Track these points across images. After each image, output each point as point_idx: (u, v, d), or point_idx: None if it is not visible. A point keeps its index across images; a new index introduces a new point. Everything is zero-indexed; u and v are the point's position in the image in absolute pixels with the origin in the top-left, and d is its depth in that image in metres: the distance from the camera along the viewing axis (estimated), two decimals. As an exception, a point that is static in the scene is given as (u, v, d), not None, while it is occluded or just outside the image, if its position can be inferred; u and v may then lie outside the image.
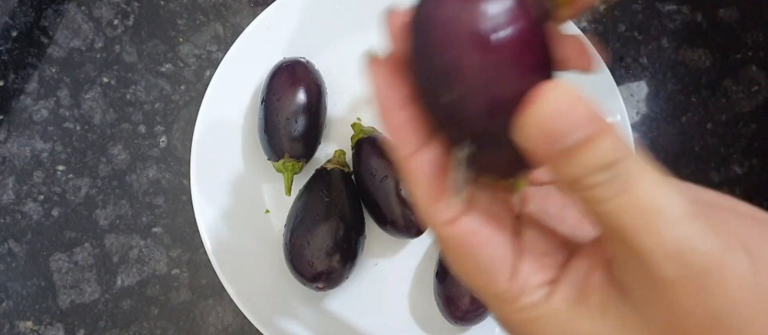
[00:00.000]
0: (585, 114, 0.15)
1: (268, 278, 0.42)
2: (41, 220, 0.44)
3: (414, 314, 0.43)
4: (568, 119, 0.15)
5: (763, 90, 0.48)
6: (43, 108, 0.46)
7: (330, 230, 0.39)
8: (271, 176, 0.43)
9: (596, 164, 0.16)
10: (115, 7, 0.48)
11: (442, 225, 0.18)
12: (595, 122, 0.15)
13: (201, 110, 0.42)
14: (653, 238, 0.15)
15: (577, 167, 0.16)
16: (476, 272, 0.19)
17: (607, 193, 0.16)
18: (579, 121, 0.15)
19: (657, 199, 0.16)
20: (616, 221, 0.16)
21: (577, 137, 0.15)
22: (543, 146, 0.16)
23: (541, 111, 0.15)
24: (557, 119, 0.15)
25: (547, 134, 0.15)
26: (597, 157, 0.16)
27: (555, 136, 0.15)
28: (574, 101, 0.15)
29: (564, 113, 0.15)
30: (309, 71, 0.43)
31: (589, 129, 0.15)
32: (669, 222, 0.15)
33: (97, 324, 0.43)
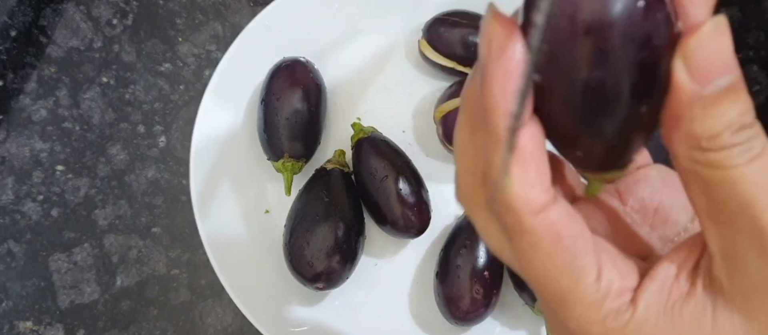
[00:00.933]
0: (734, 60, 0.14)
1: (268, 278, 0.42)
2: (40, 220, 0.44)
3: (414, 314, 0.43)
4: (725, 56, 0.14)
5: (764, 90, 0.48)
6: (42, 108, 0.46)
7: (330, 230, 0.39)
8: (271, 176, 0.43)
9: (736, 121, 0.15)
10: (113, 7, 0.48)
11: (533, 213, 0.16)
12: (740, 73, 0.15)
13: (200, 109, 0.42)
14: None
15: (720, 118, 0.14)
16: (563, 270, 0.16)
17: (740, 158, 0.14)
18: (732, 63, 0.14)
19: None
20: (740, 194, 0.15)
21: (729, 80, 0.14)
22: (698, 80, 0.14)
23: (705, 39, 0.14)
24: (717, 52, 0.14)
25: (706, 65, 0.14)
26: (738, 112, 0.15)
27: (712, 70, 0.14)
28: (730, 41, 0.14)
29: (722, 49, 0.14)
30: (309, 71, 0.43)
31: (737, 75, 0.14)
32: None
33: (96, 324, 0.43)
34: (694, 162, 0.15)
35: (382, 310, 0.43)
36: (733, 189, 0.15)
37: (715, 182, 0.15)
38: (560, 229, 0.16)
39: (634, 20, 0.14)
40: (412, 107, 0.46)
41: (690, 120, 0.15)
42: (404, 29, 0.46)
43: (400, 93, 0.46)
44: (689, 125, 0.15)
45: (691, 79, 0.14)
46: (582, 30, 0.15)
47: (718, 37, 0.14)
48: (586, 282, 0.16)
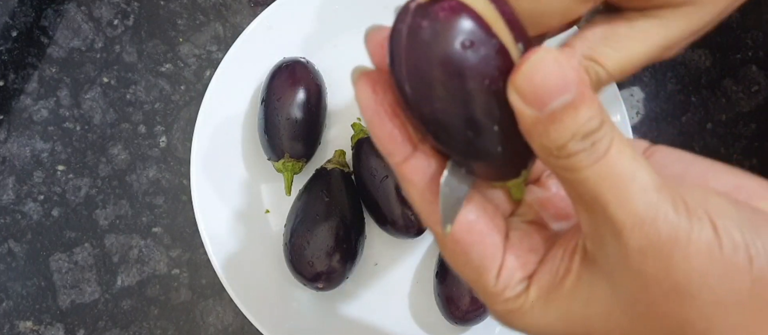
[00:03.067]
0: (571, 78, 0.16)
1: (268, 278, 0.42)
2: (41, 220, 0.44)
3: (414, 314, 0.43)
4: (556, 79, 0.16)
5: (763, 90, 0.48)
6: (43, 108, 0.46)
7: (330, 230, 0.39)
8: (271, 176, 0.43)
9: (579, 131, 0.16)
10: (115, 7, 0.48)
11: (437, 224, 0.19)
12: (580, 87, 0.16)
13: (201, 109, 0.42)
14: (624, 206, 0.16)
15: (562, 132, 0.16)
16: (469, 268, 0.20)
17: (586, 161, 0.17)
18: (566, 83, 0.16)
19: (630, 168, 0.17)
20: (591, 190, 0.17)
21: (564, 100, 0.16)
22: (532, 106, 0.16)
23: (531, 70, 0.16)
24: (546, 77, 0.16)
25: (537, 92, 0.16)
26: (579, 123, 0.16)
27: (544, 95, 0.16)
28: (562, 63, 0.16)
29: (552, 73, 0.16)
30: (309, 71, 0.43)
31: (574, 92, 0.16)
32: (640, 191, 0.16)
33: (96, 324, 0.43)
34: (552, 166, 0.17)
35: (382, 310, 0.43)
36: (584, 187, 0.17)
37: (570, 181, 0.17)
38: (462, 236, 0.20)
39: (461, 60, 0.16)
40: (412, 107, 0.46)
41: (537, 136, 0.17)
42: (404, 30, 0.46)
43: (400, 93, 0.46)
44: (538, 139, 0.17)
45: (526, 105, 0.16)
46: (426, 77, 0.17)
47: (544, 65, 0.16)
48: (488, 277, 0.20)
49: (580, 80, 0.16)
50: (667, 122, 0.48)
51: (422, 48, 0.16)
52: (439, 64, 0.16)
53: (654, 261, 0.16)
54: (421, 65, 0.16)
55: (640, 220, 0.16)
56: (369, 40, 0.19)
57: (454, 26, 0.16)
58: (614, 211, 0.16)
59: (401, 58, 0.17)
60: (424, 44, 0.16)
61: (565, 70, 0.16)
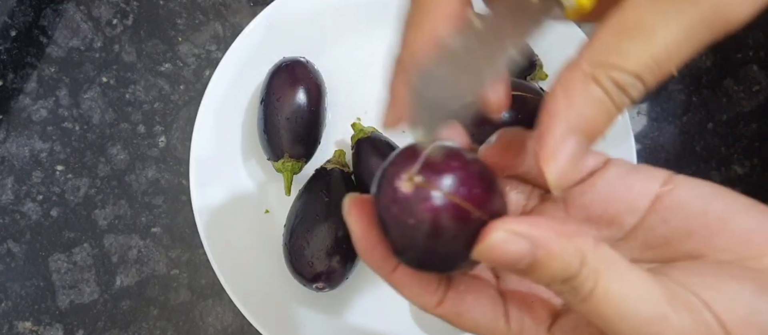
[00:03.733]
0: (524, 246, 0.18)
1: (268, 278, 0.42)
2: (40, 220, 0.44)
3: (414, 314, 0.43)
4: (511, 251, 0.18)
5: (764, 90, 0.48)
6: (42, 108, 0.46)
7: (330, 230, 0.39)
8: (271, 176, 0.43)
9: (555, 279, 0.18)
10: (114, 7, 0.48)
11: (434, 308, 0.22)
12: (539, 249, 0.18)
13: (200, 109, 0.42)
14: (625, 326, 0.18)
15: (540, 279, 0.19)
16: (477, 329, 0.22)
17: (574, 299, 0.18)
18: (520, 252, 0.18)
19: (619, 302, 0.18)
20: (589, 316, 0.18)
21: (526, 263, 0.18)
22: (502, 267, 0.19)
23: (485, 250, 0.18)
24: (500, 253, 0.18)
25: (499, 262, 0.18)
26: (551, 275, 0.18)
27: (506, 264, 0.18)
28: (513, 238, 0.18)
29: (505, 248, 0.18)
30: (309, 71, 0.43)
31: (533, 256, 0.18)
32: (634, 315, 0.18)
33: (96, 324, 0.43)
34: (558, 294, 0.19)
35: (382, 310, 0.43)
36: (579, 311, 0.19)
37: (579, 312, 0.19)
38: (456, 308, 0.22)
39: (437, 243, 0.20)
40: (412, 107, 0.46)
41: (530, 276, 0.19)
42: (404, 29, 0.46)
43: (400, 93, 0.46)
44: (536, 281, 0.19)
45: (497, 271, 0.20)
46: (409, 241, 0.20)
47: (498, 244, 0.18)
48: (498, 328, 0.22)
49: (537, 242, 0.18)
50: (668, 121, 0.47)
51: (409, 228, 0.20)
52: (420, 237, 0.20)
53: None
54: (406, 232, 0.20)
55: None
56: (350, 209, 0.22)
57: (436, 224, 0.19)
58: (616, 331, 0.18)
59: (391, 223, 0.20)
60: (411, 227, 0.19)
61: (518, 244, 0.18)
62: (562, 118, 0.19)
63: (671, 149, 0.47)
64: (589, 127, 0.19)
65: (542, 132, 0.19)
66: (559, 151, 0.19)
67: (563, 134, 0.19)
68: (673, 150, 0.47)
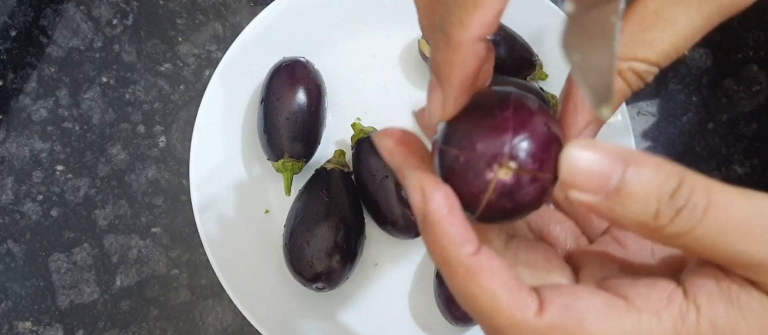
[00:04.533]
0: (614, 151, 0.16)
1: (268, 278, 0.42)
2: (40, 220, 0.44)
3: (414, 314, 0.43)
4: (599, 158, 0.16)
5: (764, 90, 0.48)
6: (42, 108, 0.46)
7: (330, 230, 0.39)
8: (271, 176, 0.43)
9: (661, 191, 0.16)
10: (114, 7, 0.48)
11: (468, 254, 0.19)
12: (631, 156, 0.16)
13: (200, 109, 0.42)
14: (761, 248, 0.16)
15: (638, 204, 0.16)
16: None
17: (686, 223, 0.16)
18: (611, 158, 0.16)
19: (743, 208, 0.16)
20: (710, 248, 0.16)
21: (619, 173, 0.16)
22: (593, 192, 0.17)
23: (571, 159, 0.17)
24: (590, 160, 0.17)
25: (590, 176, 0.17)
26: (654, 186, 0.16)
27: (597, 177, 0.16)
28: (594, 145, 0.17)
29: (593, 154, 0.17)
30: (309, 71, 0.43)
31: (625, 163, 0.16)
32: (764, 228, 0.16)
33: (96, 324, 0.43)
34: (664, 241, 0.17)
35: (382, 310, 0.43)
36: (696, 248, 0.17)
37: (687, 247, 0.17)
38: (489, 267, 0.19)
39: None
40: (412, 107, 0.46)
41: (622, 218, 0.17)
42: (404, 29, 0.46)
43: (400, 93, 0.46)
44: (627, 220, 0.17)
45: (590, 194, 0.17)
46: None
47: (580, 153, 0.17)
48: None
49: (625, 152, 0.16)
50: (668, 121, 0.47)
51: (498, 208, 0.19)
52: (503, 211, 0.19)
53: None
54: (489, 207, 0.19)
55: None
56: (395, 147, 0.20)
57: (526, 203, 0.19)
58: (751, 257, 0.16)
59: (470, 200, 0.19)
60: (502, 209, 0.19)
61: (602, 148, 0.16)
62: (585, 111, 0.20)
63: (671, 149, 0.47)
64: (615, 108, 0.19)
65: (567, 123, 0.20)
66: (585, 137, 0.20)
67: (585, 125, 0.19)
68: (673, 150, 0.47)
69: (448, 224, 0.18)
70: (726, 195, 0.16)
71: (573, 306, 0.18)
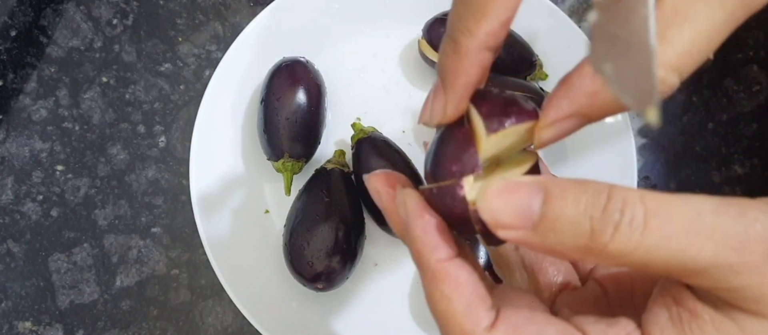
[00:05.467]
0: (530, 182, 0.17)
1: (268, 278, 0.42)
2: (40, 220, 0.44)
3: (414, 314, 0.43)
4: (515, 193, 0.17)
5: (764, 90, 0.48)
6: (42, 108, 0.46)
7: (330, 230, 0.39)
8: (271, 176, 0.43)
9: (585, 213, 0.16)
10: (114, 7, 0.48)
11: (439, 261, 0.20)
12: (550, 183, 0.16)
13: (200, 109, 0.42)
14: (708, 251, 0.15)
15: (568, 227, 0.16)
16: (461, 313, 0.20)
17: (630, 238, 0.16)
18: (528, 189, 0.17)
19: (683, 211, 0.16)
20: (662, 260, 0.16)
21: (539, 201, 0.16)
22: (518, 227, 0.17)
23: (488, 200, 0.17)
24: (506, 196, 0.17)
25: (510, 212, 0.17)
26: (579, 208, 0.16)
27: (517, 211, 0.17)
28: (508, 182, 0.17)
29: (508, 190, 0.17)
30: (309, 71, 0.43)
31: (543, 191, 0.16)
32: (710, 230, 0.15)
33: (96, 324, 0.43)
34: (611, 262, 0.16)
35: (382, 310, 0.43)
36: (641, 265, 0.16)
37: (637, 263, 0.16)
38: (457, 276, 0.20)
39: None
40: (412, 107, 0.46)
41: (560, 247, 0.17)
42: (404, 29, 0.46)
43: (400, 93, 0.46)
44: (567, 249, 0.17)
45: (513, 231, 0.17)
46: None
47: (495, 195, 0.17)
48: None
49: (544, 186, 0.16)
50: (669, 121, 0.47)
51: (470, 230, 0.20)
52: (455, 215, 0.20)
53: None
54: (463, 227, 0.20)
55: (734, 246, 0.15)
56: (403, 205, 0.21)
57: None
58: (701, 263, 0.15)
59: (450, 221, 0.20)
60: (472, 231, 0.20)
61: (515, 183, 0.17)
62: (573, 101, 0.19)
63: (671, 150, 0.47)
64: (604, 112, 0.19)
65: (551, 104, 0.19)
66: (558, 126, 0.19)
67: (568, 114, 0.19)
68: (673, 150, 0.47)
69: (422, 228, 0.19)
70: (662, 202, 0.16)
71: (523, 328, 0.18)
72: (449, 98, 0.20)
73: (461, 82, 0.20)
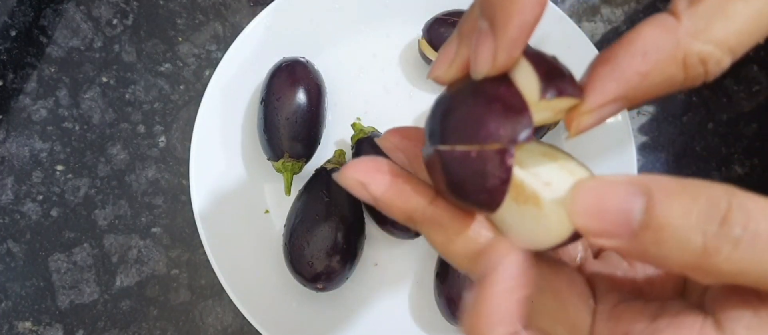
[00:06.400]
0: (628, 181, 0.14)
1: (268, 278, 0.42)
2: (40, 220, 0.44)
3: (414, 314, 0.43)
4: (610, 193, 0.14)
5: (764, 90, 0.48)
6: (42, 108, 0.46)
7: (330, 230, 0.39)
8: (271, 176, 0.43)
9: (698, 226, 0.14)
10: (114, 7, 0.48)
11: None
12: (653, 183, 0.14)
13: (200, 109, 0.42)
14: None
15: (676, 241, 0.14)
16: None
17: (752, 257, 0.13)
18: (626, 190, 0.14)
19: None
20: (743, 267, 0.14)
21: (640, 206, 0.14)
22: (613, 235, 0.14)
23: (577, 202, 0.15)
24: (598, 198, 0.14)
25: (604, 217, 0.14)
26: (691, 219, 0.14)
27: (613, 216, 0.14)
28: (601, 179, 0.15)
29: (600, 190, 0.14)
30: (309, 71, 0.43)
31: (645, 193, 0.14)
32: None
33: (96, 324, 0.43)
34: (719, 281, 0.15)
35: (382, 310, 0.43)
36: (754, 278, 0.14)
37: (751, 282, 0.14)
38: None
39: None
40: (412, 107, 0.46)
41: (663, 261, 0.15)
42: (404, 29, 0.46)
43: (400, 93, 0.46)
44: (671, 263, 0.14)
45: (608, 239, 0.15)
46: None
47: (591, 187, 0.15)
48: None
49: (645, 181, 0.14)
50: (669, 121, 0.47)
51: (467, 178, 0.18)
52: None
53: None
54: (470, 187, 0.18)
55: None
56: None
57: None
58: None
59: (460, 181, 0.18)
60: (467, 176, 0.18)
61: (609, 181, 0.14)
62: (621, 82, 0.17)
63: (671, 149, 0.47)
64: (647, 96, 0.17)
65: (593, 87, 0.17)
66: (602, 111, 0.17)
67: (613, 97, 0.17)
68: (673, 150, 0.47)
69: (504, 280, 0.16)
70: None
71: None
72: (501, 42, 0.16)
73: (517, 22, 0.16)
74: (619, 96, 0.17)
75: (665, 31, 0.16)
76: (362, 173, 0.19)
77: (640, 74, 0.16)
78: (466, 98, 0.18)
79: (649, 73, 0.16)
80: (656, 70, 0.16)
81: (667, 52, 0.16)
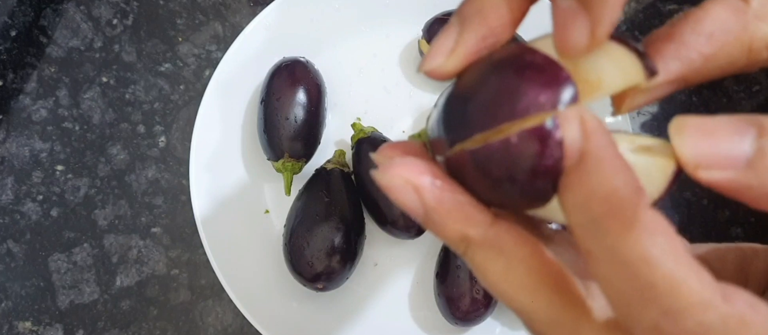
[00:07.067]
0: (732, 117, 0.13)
1: (268, 278, 0.42)
2: (40, 220, 0.44)
3: (414, 314, 0.43)
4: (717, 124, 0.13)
5: (764, 90, 0.48)
6: (42, 108, 0.46)
7: (330, 230, 0.39)
8: (271, 176, 0.43)
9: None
10: (114, 7, 0.48)
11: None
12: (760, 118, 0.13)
13: (200, 109, 0.42)
14: None
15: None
16: None
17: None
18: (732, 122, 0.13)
19: None
20: None
21: (752, 136, 0.13)
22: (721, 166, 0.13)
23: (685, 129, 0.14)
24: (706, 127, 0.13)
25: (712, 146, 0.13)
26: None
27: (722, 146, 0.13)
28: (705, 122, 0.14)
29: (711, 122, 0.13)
30: (309, 71, 0.43)
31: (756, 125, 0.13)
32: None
33: (96, 324, 0.43)
34: None
35: (382, 310, 0.43)
36: None
37: None
38: None
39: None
40: (412, 107, 0.46)
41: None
42: (404, 29, 0.46)
43: (400, 93, 0.46)
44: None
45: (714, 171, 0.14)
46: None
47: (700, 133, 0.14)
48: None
49: (751, 116, 0.13)
50: (668, 121, 0.47)
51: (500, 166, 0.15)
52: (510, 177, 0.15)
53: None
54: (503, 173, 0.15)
55: None
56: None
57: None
58: None
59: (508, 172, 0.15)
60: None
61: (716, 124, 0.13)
62: (684, 61, 0.16)
63: (671, 149, 0.47)
64: (703, 79, 0.16)
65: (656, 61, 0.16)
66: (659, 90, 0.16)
67: (677, 78, 0.16)
68: (673, 150, 0.47)
69: (618, 162, 0.14)
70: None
71: (760, 308, 0.13)
72: (601, 13, 0.15)
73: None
74: (680, 77, 0.16)
75: (734, 12, 0.15)
76: (416, 174, 0.15)
77: (704, 56, 0.16)
78: (485, 80, 0.15)
79: (714, 55, 0.16)
80: (721, 53, 0.16)
81: (734, 35, 0.15)
